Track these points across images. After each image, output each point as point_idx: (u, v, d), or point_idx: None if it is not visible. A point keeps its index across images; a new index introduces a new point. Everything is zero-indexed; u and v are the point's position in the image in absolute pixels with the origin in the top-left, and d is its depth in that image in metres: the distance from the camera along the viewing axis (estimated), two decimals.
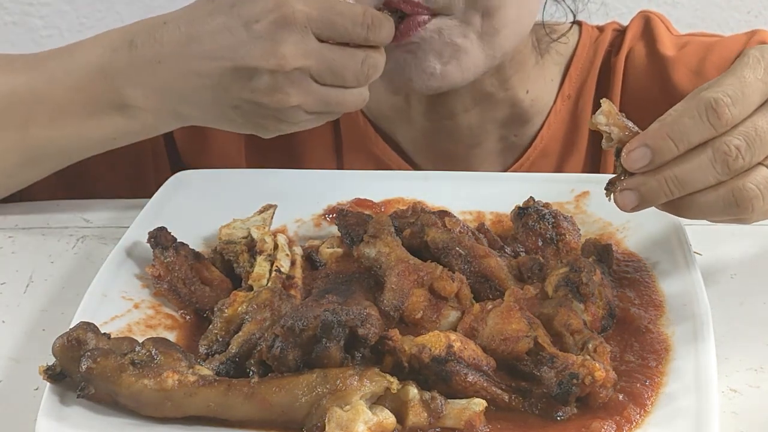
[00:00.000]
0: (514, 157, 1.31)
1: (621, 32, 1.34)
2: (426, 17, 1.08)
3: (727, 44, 1.30)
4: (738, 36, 1.32)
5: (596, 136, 1.31)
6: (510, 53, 1.19)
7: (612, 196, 0.86)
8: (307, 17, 0.99)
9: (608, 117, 0.86)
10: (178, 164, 1.29)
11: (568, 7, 1.31)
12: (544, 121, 1.31)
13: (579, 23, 1.35)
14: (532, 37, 1.27)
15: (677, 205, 0.86)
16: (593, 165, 1.32)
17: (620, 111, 0.87)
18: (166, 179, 1.10)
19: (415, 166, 1.31)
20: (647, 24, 1.33)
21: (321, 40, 1.00)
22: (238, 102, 1.02)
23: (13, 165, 1.14)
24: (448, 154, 1.30)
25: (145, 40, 1.05)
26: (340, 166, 1.31)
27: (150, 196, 1.07)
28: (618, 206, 0.86)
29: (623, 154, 0.84)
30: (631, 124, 0.86)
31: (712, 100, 0.82)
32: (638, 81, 1.30)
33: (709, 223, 0.93)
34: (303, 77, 1.00)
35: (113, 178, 1.28)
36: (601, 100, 0.87)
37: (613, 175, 0.87)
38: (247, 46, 1.00)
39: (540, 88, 1.30)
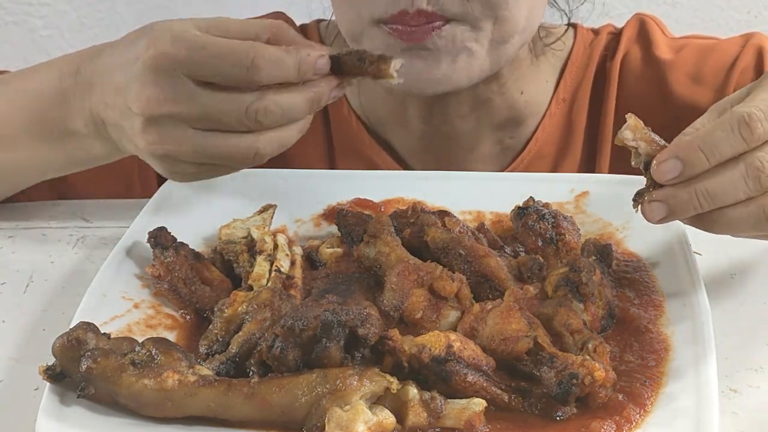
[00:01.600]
0: (509, 159, 1.31)
1: (616, 35, 1.33)
2: (440, 23, 1.09)
3: (723, 48, 1.30)
4: (734, 39, 1.31)
5: (592, 139, 1.32)
6: (511, 58, 1.20)
7: (639, 207, 0.85)
8: (174, 59, 0.91)
9: (635, 132, 0.85)
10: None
11: (562, 10, 1.31)
12: (539, 124, 1.30)
13: (574, 26, 1.34)
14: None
15: (705, 219, 0.85)
16: (588, 169, 1.31)
17: (615, 115, 0.87)
18: (152, 188, 1.10)
19: (409, 170, 1.30)
20: (642, 27, 1.33)
21: (206, 83, 0.91)
22: (130, 140, 0.97)
23: None
24: (444, 158, 1.29)
25: (86, 68, 1.02)
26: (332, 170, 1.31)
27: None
28: (646, 218, 0.85)
29: (653, 165, 0.83)
30: (657, 137, 0.85)
31: (746, 115, 0.82)
32: (634, 85, 1.30)
33: None
34: (174, 123, 0.92)
35: (100, 191, 1.27)
36: (626, 116, 0.86)
37: (642, 187, 0.85)
38: (125, 87, 0.95)
39: (534, 88, 1.29)
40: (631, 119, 0.86)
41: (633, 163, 0.86)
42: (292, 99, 0.92)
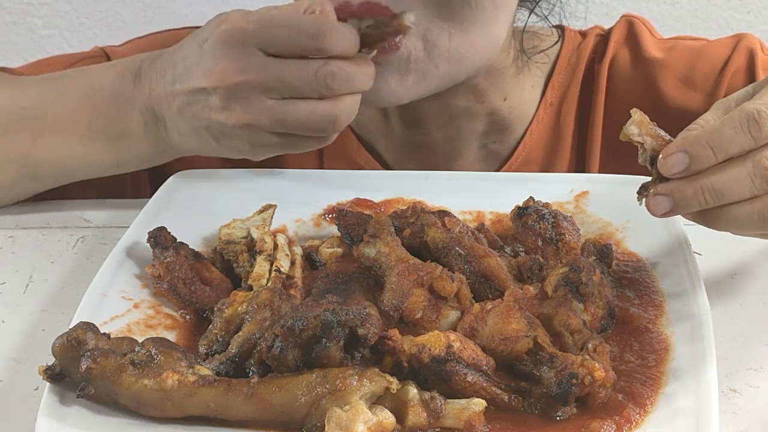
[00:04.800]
0: (496, 165, 1.29)
1: (604, 37, 1.32)
2: (399, 40, 1.05)
3: (714, 50, 1.29)
4: (724, 40, 1.30)
5: (580, 143, 1.31)
6: (479, 71, 1.17)
7: (644, 200, 0.85)
8: (244, 32, 0.97)
9: (640, 127, 0.85)
10: (160, 172, 1.27)
11: (547, 18, 1.29)
12: (527, 129, 1.29)
13: (561, 28, 1.32)
14: (514, 46, 1.24)
15: (708, 216, 0.85)
16: (577, 173, 1.30)
17: (604, 119, 0.86)
18: (144, 186, 1.11)
19: None
20: (631, 29, 1.31)
21: (275, 55, 0.98)
22: (206, 123, 1.02)
23: (13, 178, 1.15)
24: (427, 166, 1.27)
25: (146, 70, 1.08)
26: None
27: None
28: (649, 211, 0.85)
29: (660, 158, 0.83)
30: (663, 132, 0.85)
31: (755, 112, 0.82)
32: (623, 87, 1.28)
33: None
34: (250, 93, 0.98)
35: (91, 185, 1.27)
36: (631, 111, 0.86)
37: (648, 179, 0.85)
38: (197, 66, 1.01)
39: (519, 95, 1.27)
40: (636, 114, 0.86)
41: (639, 160, 0.86)
42: (353, 68, 0.98)
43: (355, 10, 1.03)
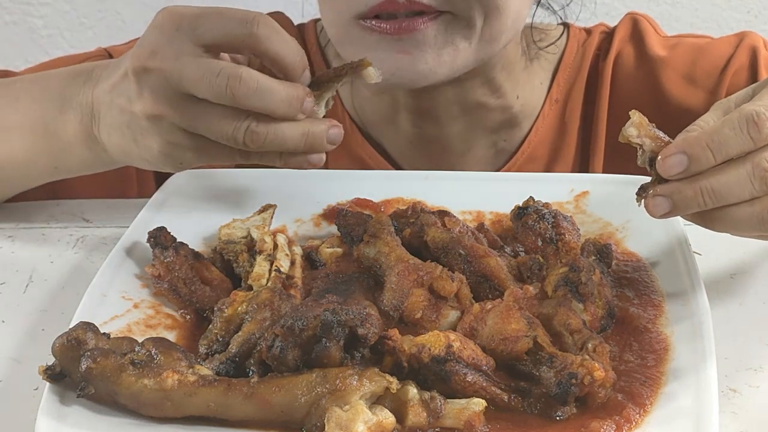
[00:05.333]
0: (502, 162, 1.30)
1: (609, 35, 1.33)
2: (429, 16, 1.08)
3: (717, 48, 1.29)
4: (728, 38, 1.31)
5: (585, 140, 1.31)
6: (497, 57, 1.19)
7: (643, 201, 0.85)
8: (181, 15, 0.95)
9: (639, 129, 0.85)
10: (165, 175, 1.27)
11: (556, 13, 1.30)
12: (532, 126, 1.30)
13: (566, 25, 1.33)
14: (522, 42, 1.27)
15: (707, 217, 0.85)
16: (581, 170, 1.31)
17: (609, 115, 0.86)
18: (149, 186, 1.10)
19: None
20: (635, 26, 1.32)
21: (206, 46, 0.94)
22: (127, 117, 0.98)
23: None
24: (435, 161, 1.29)
25: (98, 71, 1.04)
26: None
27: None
28: (648, 212, 0.85)
29: (659, 159, 0.83)
30: (662, 133, 0.85)
31: (754, 113, 0.81)
32: (627, 84, 1.29)
33: None
34: (162, 82, 0.93)
35: (99, 191, 1.27)
36: (630, 113, 0.86)
37: (646, 181, 0.85)
38: (132, 51, 0.97)
39: (529, 92, 1.29)
40: (635, 116, 0.85)
41: (639, 161, 0.86)
42: (271, 84, 0.92)
43: (400, 6, 1.05)
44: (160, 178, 1.21)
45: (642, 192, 0.85)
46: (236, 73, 0.91)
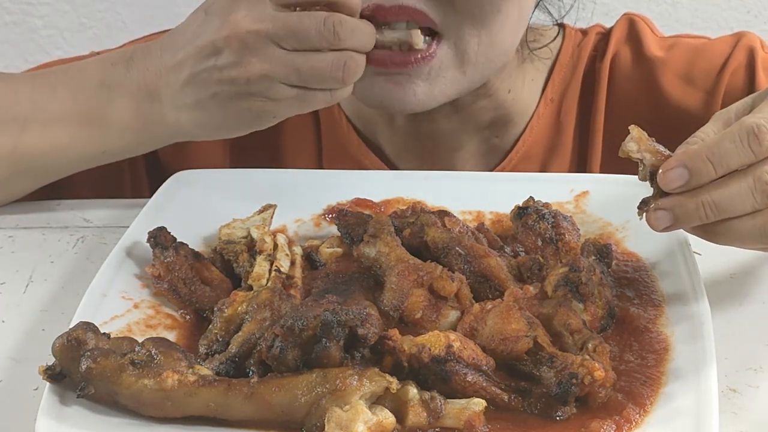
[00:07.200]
0: (497, 160, 1.30)
1: (605, 35, 1.32)
2: (432, 51, 1.07)
3: (714, 48, 1.29)
4: (725, 38, 1.30)
5: (581, 141, 1.31)
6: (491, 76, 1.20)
7: (644, 215, 0.85)
8: None
9: (639, 143, 0.85)
10: (158, 171, 1.28)
11: (551, 14, 1.30)
12: (527, 125, 1.29)
13: (562, 26, 1.33)
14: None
15: (709, 230, 0.85)
16: (578, 170, 1.30)
17: (606, 117, 0.86)
18: (142, 185, 1.11)
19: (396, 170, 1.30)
20: (632, 27, 1.31)
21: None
22: (214, 89, 1.02)
23: (2, 176, 1.14)
24: (429, 158, 1.28)
25: (139, 56, 1.08)
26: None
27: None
28: (650, 225, 0.85)
29: (660, 172, 0.83)
30: (662, 147, 0.85)
31: (755, 126, 0.81)
32: (624, 85, 1.29)
33: None
34: (262, 42, 0.99)
35: (90, 185, 1.27)
36: (629, 128, 0.86)
37: (647, 195, 0.85)
38: (203, 27, 1.02)
39: (521, 87, 1.28)
40: (635, 130, 0.85)
41: (639, 176, 0.86)
42: (357, 22, 1.00)
43: (388, 12, 1.05)
44: (153, 179, 1.21)
45: (643, 206, 0.85)
46: (338, 19, 0.98)
